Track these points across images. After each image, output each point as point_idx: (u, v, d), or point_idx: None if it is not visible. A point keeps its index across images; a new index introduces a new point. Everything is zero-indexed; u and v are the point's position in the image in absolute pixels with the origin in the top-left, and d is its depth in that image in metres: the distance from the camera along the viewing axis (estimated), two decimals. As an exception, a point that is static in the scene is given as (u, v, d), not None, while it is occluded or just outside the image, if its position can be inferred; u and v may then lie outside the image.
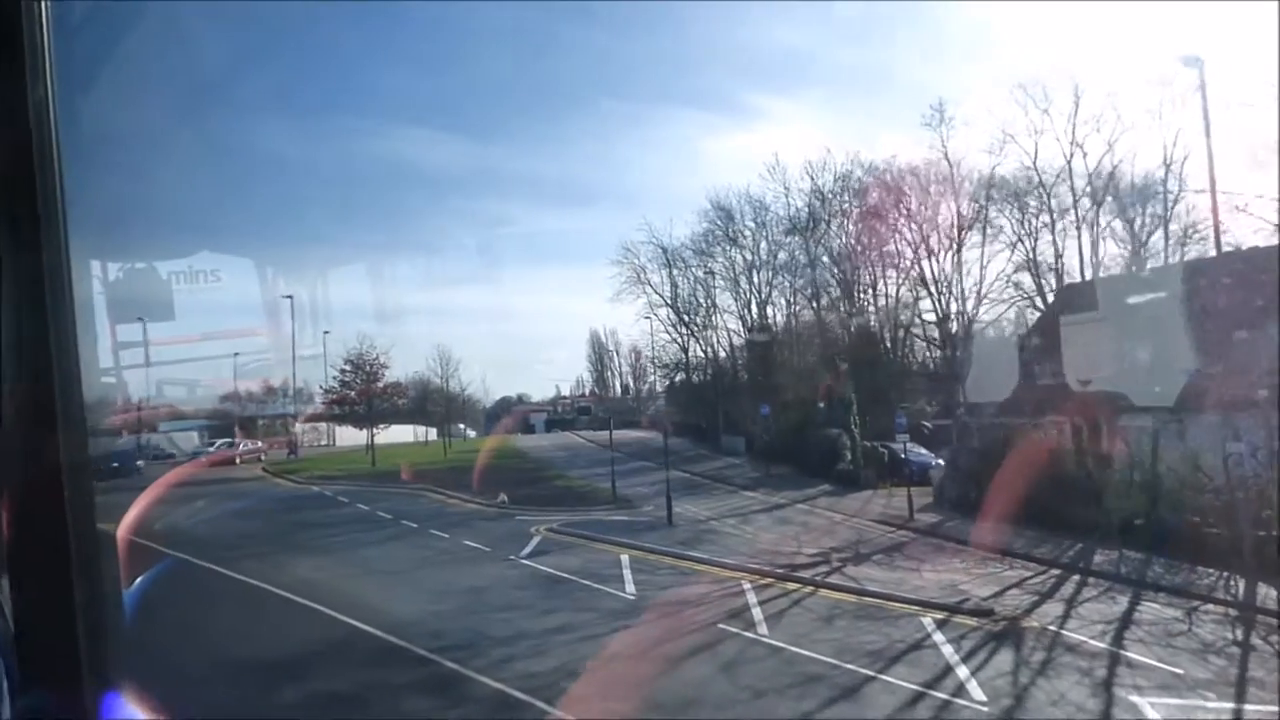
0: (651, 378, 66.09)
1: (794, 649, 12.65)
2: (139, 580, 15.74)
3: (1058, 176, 28.61)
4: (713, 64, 54.75)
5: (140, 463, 31.25)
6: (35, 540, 2.30)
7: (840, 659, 12.22)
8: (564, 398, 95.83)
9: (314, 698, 10.15)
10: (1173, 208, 24.51)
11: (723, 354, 46.17)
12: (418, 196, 55.16)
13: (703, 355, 47.00)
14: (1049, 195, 28.80)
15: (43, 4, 2.47)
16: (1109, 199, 26.56)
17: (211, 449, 38.97)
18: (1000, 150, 30.64)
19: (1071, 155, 27.94)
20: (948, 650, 12.84)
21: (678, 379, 49.41)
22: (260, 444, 41.71)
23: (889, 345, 39.29)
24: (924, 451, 31.08)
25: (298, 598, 14.44)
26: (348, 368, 37.05)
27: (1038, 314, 32.46)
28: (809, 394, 36.37)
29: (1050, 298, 31.43)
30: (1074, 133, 27.80)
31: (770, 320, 43.32)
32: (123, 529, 20.56)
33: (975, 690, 11.20)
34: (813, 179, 39.56)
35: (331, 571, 16.80)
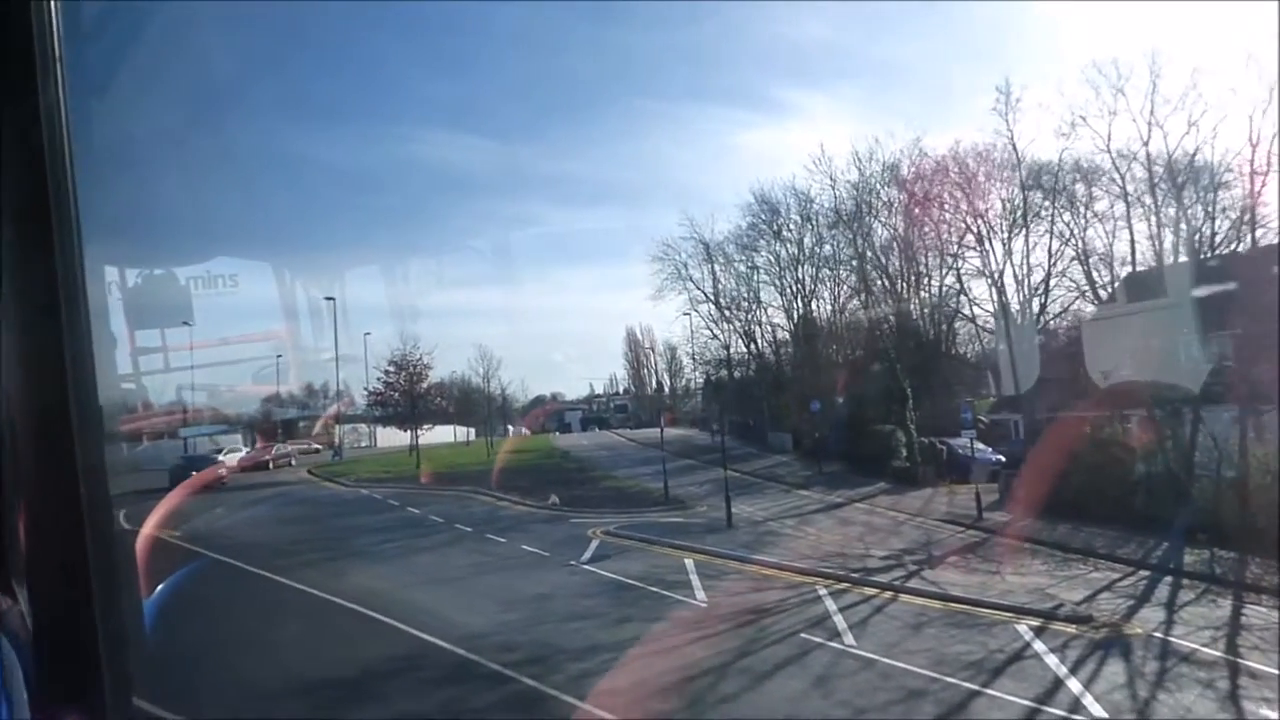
0: (689, 375, 65.48)
1: (887, 660, 11.89)
2: (183, 586, 15.52)
3: (1132, 159, 27.20)
4: (743, 59, 53.99)
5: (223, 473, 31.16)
6: (53, 548, 2.26)
7: (939, 671, 11.45)
8: (598, 396, 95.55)
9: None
10: (1261, 190, 23.08)
11: (767, 349, 45.35)
12: (447, 199, 55.20)
13: (746, 351, 46.21)
14: (1124, 178, 27.46)
15: (53, 6, 2.44)
16: (1188, 182, 25.11)
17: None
18: (1071, 133, 29.34)
19: (1150, 136, 26.54)
20: (1052, 661, 12.01)
21: (721, 375, 48.67)
22: (290, 447, 41.45)
23: (941, 338, 38.22)
24: (984, 447, 30.06)
25: (360, 608, 13.98)
26: (391, 368, 36.85)
27: (1097, 304, 31.24)
28: (860, 389, 35.43)
29: (1114, 287, 30.12)
30: (1152, 112, 26.39)
31: (816, 314, 42.42)
32: (168, 533, 20.51)
33: (1093, 706, 10.38)
34: (860, 170, 38.57)
35: (391, 580, 16.32)
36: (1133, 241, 28.06)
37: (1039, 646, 12.60)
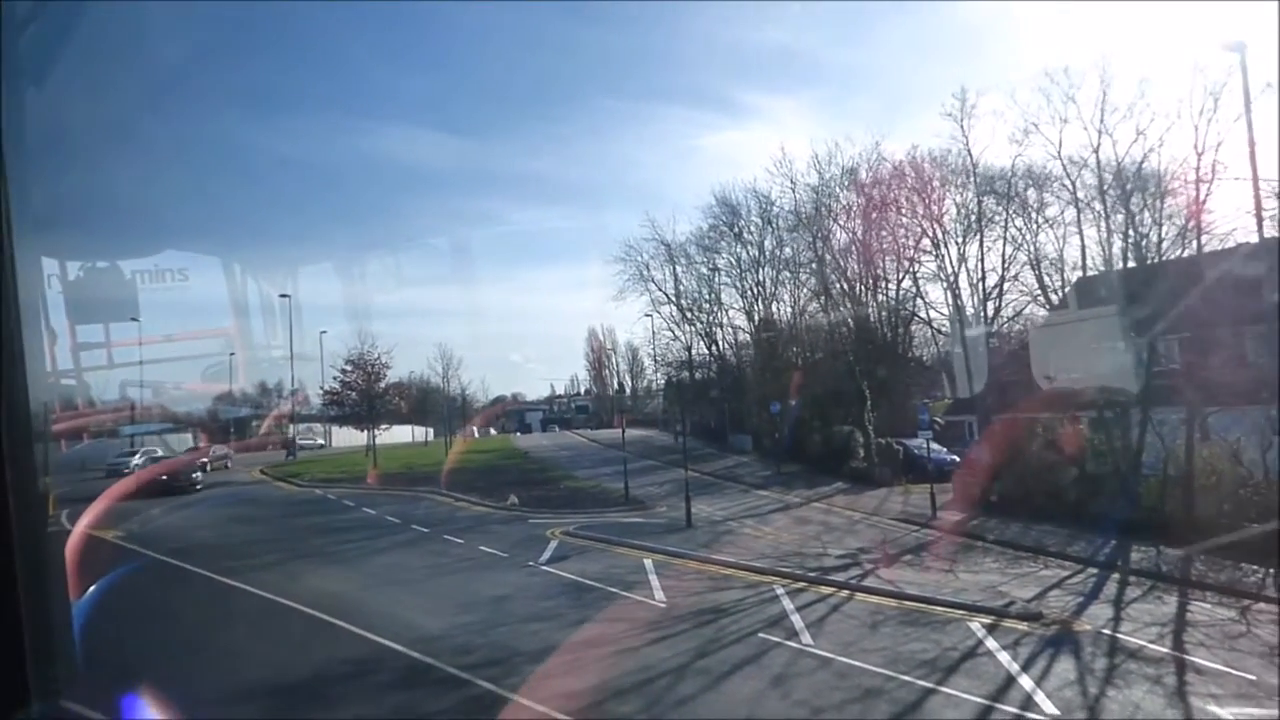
0: (650, 376, 65.54)
1: (844, 659, 11.94)
2: (122, 588, 15.06)
3: (1083, 165, 27.89)
4: (708, 62, 54.40)
5: (197, 475, 30.01)
6: None
7: (894, 670, 11.52)
8: (559, 396, 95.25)
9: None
10: (1206, 198, 23.80)
11: (728, 351, 45.57)
12: (408, 195, 54.61)
13: (707, 352, 46.41)
14: (1075, 185, 28.11)
15: None
16: (1136, 188, 25.79)
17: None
18: (1024, 140, 30.02)
19: (1099, 143, 27.24)
20: (1004, 658, 12.17)
21: (681, 376, 48.83)
22: (226, 449, 40.29)
23: (898, 340, 38.75)
24: (939, 448, 30.58)
25: (314, 611, 13.68)
26: (349, 367, 36.32)
27: (1049, 309, 31.93)
28: (819, 391, 35.80)
29: (1065, 291, 30.82)
30: (1102, 119, 27.11)
31: (776, 316, 42.75)
32: (110, 533, 19.90)
33: (1045, 703, 10.51)
34: (819, 173, 38.97)
35: (346, 582, 16.00)
36: (1083, 247, 28.89)
37: (991, 644, 12.77)
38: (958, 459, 30.09)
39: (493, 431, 53.69)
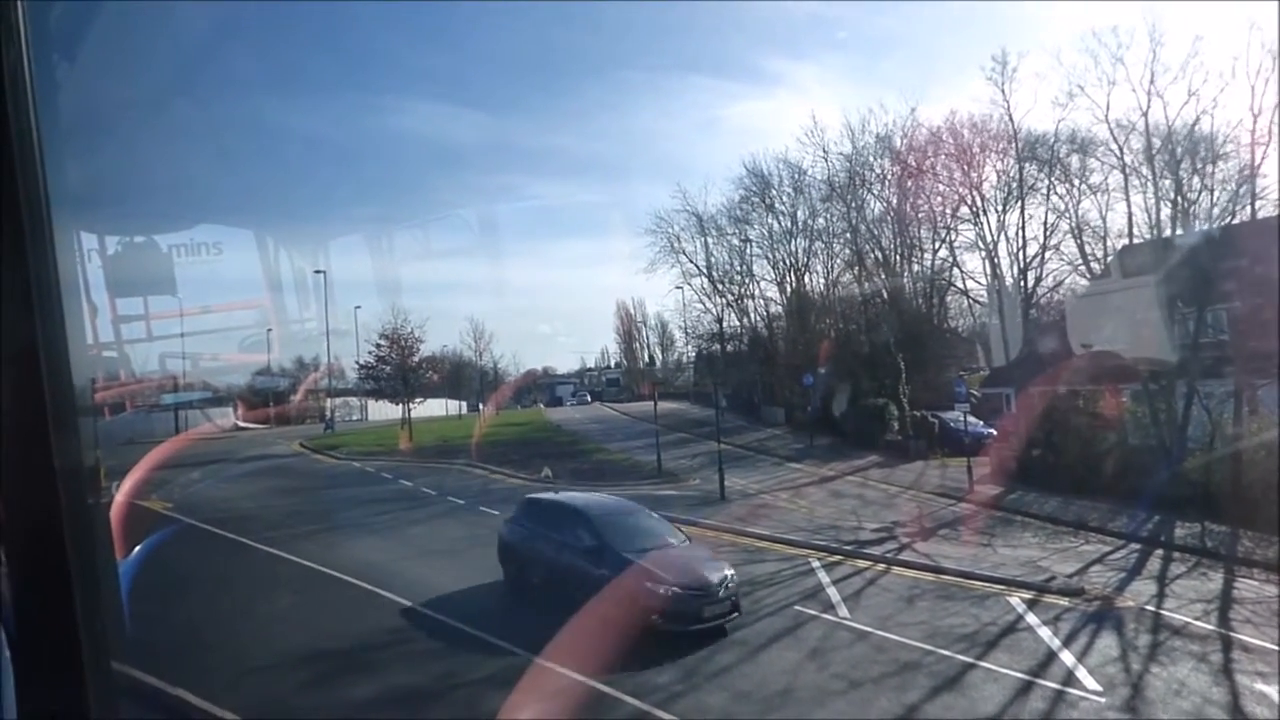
0: (680, 349, 65.34)
1: (881, 633, 11.94)
2: (164, 554, 15.42)
3: (1131, 129, 26.95)
4: (731, 30, 53.34)
5: None
6: (26, 520, 2.20)
7: (933, 644, 11.50)
8: (589, 369, 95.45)
9: (390, 693, 9.56)
10: (1261, 161, 22.92)
11: (760, 323, 45.24)
12: (433, 171, 54.61)
13: (738, 324, 46.10)
14: (1122, 149, 27.26)
15: None
16: (1186, 153, 24.92)
17: None
18: (1068, 103, 29.08)
19: (1149, 106, 26.27)
20: (1045, 633, 12.08)
21: (713, 349, 48.58)
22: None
23: (934, 312, 38.18)
24: (975, 421, 30.19)
25: (355, 580, 13.92)
26: (383, 342, 36.59)
27: (1090, 278, 31.20)
28: (852, 363, 35.43)
29: (1108, 260, 30.06)
30: (1152, 81, 26.12)
31: (809, 288, 42.30)
32: (160, 504, 20.40)
33: (1086, 679, 10.43)
34: (853, 141, 38.27)
35: (385, 552, 16.23)
36: (1129, 214, 27.96)
37: (1031, 619, 12.66)
38: (994, 432, 29.66)
39: (520, 408, 53.86)
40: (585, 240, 79.04)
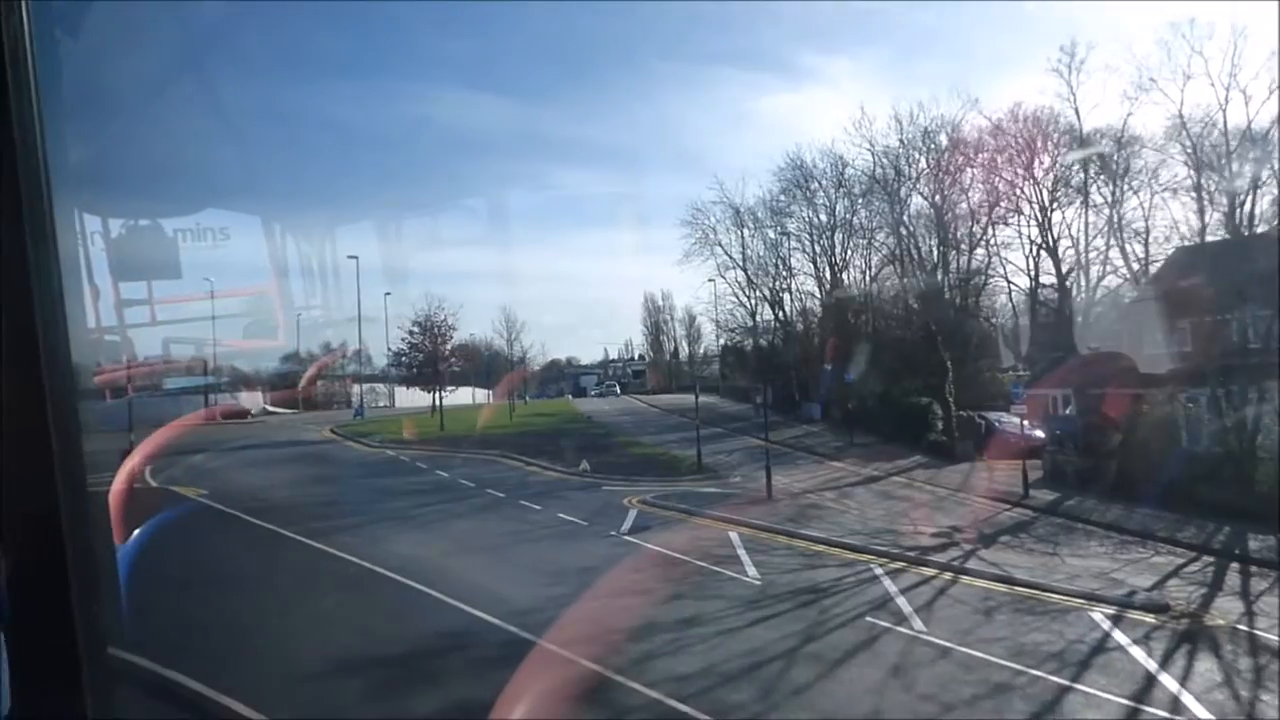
0: (708, 342, 64.60)
1: (963, 649, 11.21)
2: (194, 545, 15.05)
3: (1209, 125, 25.78)
4: (763, 23, 52.35)
5: None
6: (23, 508, 2.15)
7: (1021, 663, 10.76)
8: (613, 361, 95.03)
9: (456, 706, 8.98)
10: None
11: (796, 318, 44.45)
12: (462, 160, 54.16)
13: (773, 318, 45.38)
14: (1196, 146, 26.12)
15: None
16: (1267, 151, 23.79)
17: None
18: (1139, 97, 27.93)
19: (1228, 101, 25.11)
20: (1138, 654, 11.30)
21: (744, 343, 47.88)
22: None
23: (979, 309, 37.22)
24: (1024, 423, 29.33)
25: (402, 578, 13.38)
26: (416, 329, 36.25)
27: (1150, 279, 30.12)
28: (894, 360, 34.57)
29: (1173, 260, 28.98)
30: (1233, 75, 24.91)
31: (848, 283, 41.48)
32: (194, 490, 20.07)
33: (1195, 706, 9.67)
34: (901, 135, 37.32)
35: (430, 548, 15.71)
36: (1201, 211, 26.83)
37: (1120, 637, 11.88)
38: (1039, 434, 28.73)
39: (527, 399, 53.31)
40: (609, 231, 78.44)
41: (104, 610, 2.40)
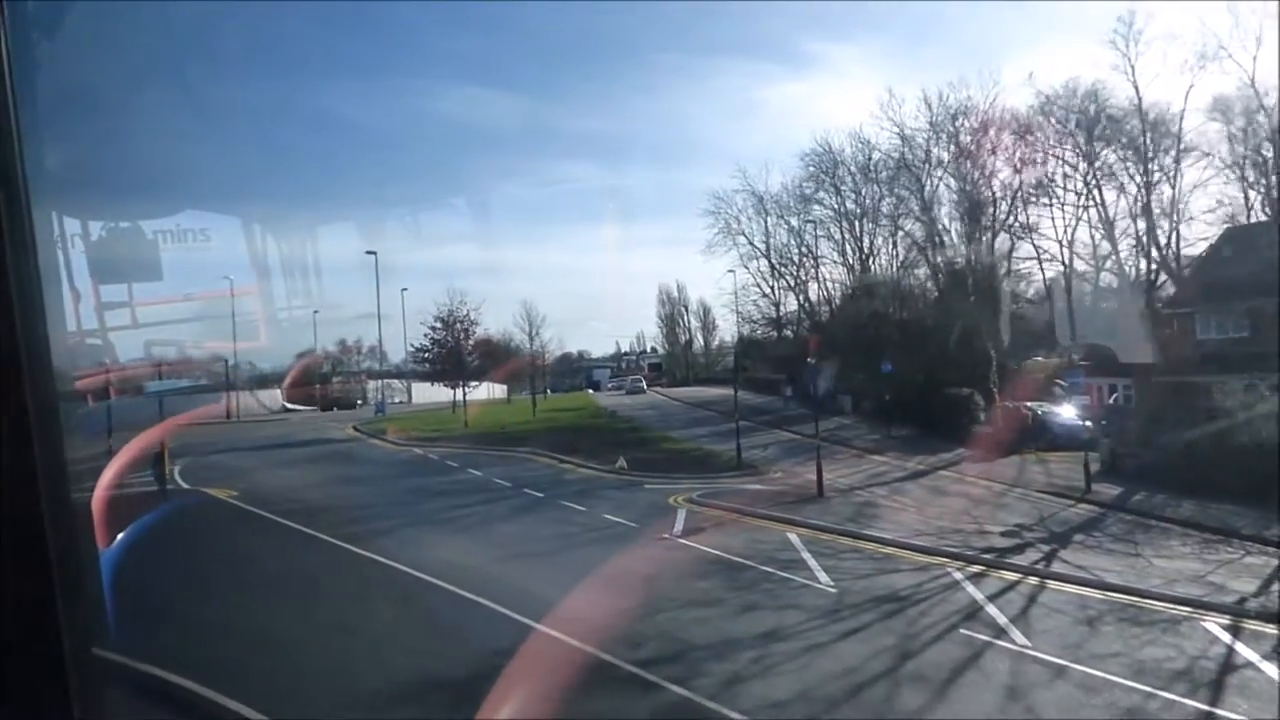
0: (724, 334, 63.62)
1: (1078, 667, 10.19)
2: (232, 552, 14.17)
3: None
4: (766, 11, 51.31)
5: None
6: (6, 513, 2.12)
7: (1147, 683, 9.74)
8: (625, 354, 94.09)
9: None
10: None
11: (823, 307, 43.36)
12: (467, 155, 53.53)
13: (798, 308, 44.32)
14: (1274, 120, 24.80)
15: None
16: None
17: None
18: (1199, 67, 26.58)
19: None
20: (1272, 671, 10.27)
21: (771, 334, 46.79)
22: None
23: (1020, 296, 36.08)
24: (1055, 410, 28.41)
25: (453, 587, 12.38)
26: (438, 325, 35.36)
27: (1210, 260, 28.86)
28: (932, 350, 33.40)
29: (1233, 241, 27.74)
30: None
31: (877, 269, 40.38)
32: (226, 493, 19.20)
33: (1359, 735, 8.65)
34: (930, 116, 36.14)
35: (477, 554, 14.73)
36: (1268, 188, 25.56)
37: (1248, 653, 10.85)
38: (1089, 425, 27.64)
39: (547, 393, 52.53)
40: (619, 224, 77.61)
41: (88, 613, 2.41)
